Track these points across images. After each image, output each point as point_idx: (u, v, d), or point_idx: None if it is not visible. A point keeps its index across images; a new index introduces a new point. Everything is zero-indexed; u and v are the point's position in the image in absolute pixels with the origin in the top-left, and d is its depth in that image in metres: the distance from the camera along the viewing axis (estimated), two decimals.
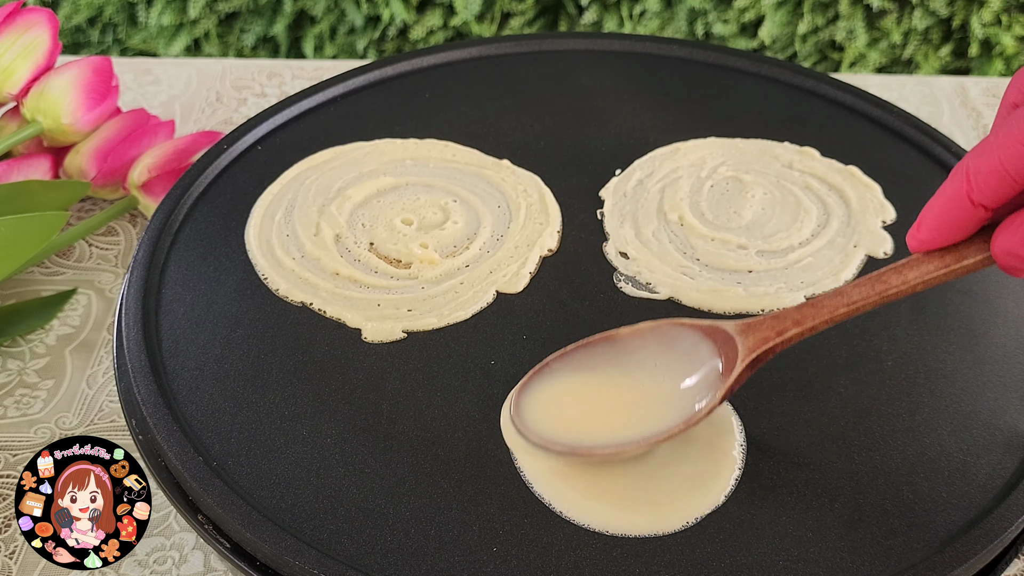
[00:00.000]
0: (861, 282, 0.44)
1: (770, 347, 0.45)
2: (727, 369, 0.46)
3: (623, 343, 0.48)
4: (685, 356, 0.47)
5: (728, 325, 0.46)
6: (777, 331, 0.45)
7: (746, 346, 0.45)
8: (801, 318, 0.45)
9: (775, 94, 0.69)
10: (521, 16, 1.18)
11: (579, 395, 0.48)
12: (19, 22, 0.69)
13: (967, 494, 0.46)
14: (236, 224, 0.59)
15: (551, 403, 0.48)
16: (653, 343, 0.48)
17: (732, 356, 0.46)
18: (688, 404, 0.46)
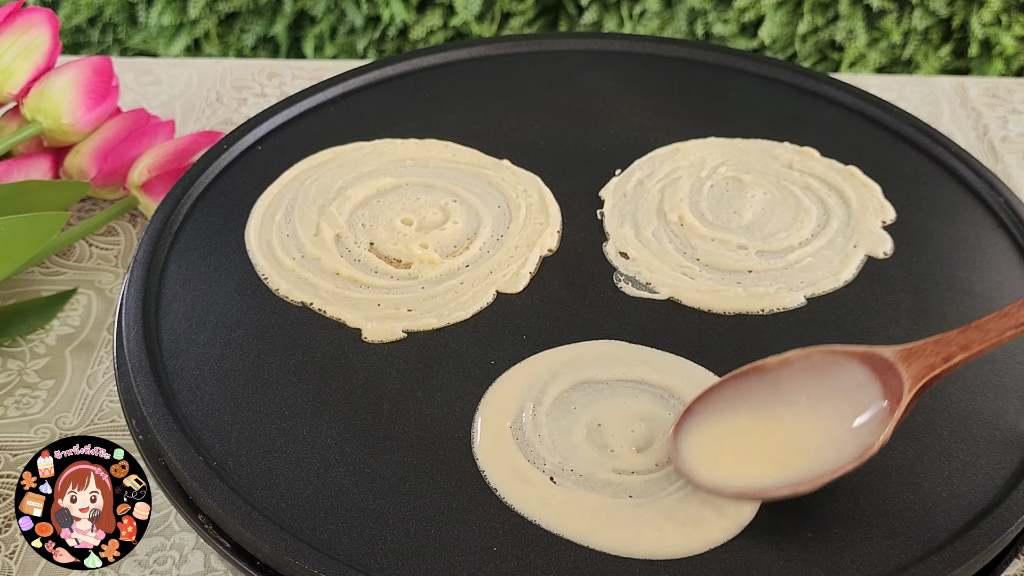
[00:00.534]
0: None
1: (936, 375, 0.44)
2: (892, 399, 0.44)
3: (774, 374, 0.47)
4: (843, 387, 0.46)
5: (887, 352, 0.45)
6: (943, 357, 0.44)
7: (911, 375, 0.44)
8: (967, 343, 0.44)
9: (775, 94, 0.69)
10: (521, 16, 1.18)
11: (738, 436, 0.46)
12: (19, 22, 0.69)
13: (967, 494, 0.46)
14: (236, 224, 0.59)
15: (712, 447, 0.46)
16: (807, 373, 0.46)
17: (895, 386, 0.44)
18: (854, 438, 0.45)
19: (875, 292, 0.56)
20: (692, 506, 0.45)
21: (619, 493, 0.46)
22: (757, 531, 0.45)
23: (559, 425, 0.49)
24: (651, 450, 0.48)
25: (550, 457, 0.47)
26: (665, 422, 0.49)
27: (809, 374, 0.47)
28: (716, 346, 0.52)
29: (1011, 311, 0.44)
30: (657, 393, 0.50)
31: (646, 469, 0.47)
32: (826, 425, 0.45)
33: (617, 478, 0.46)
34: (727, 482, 0.45)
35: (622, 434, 0.48)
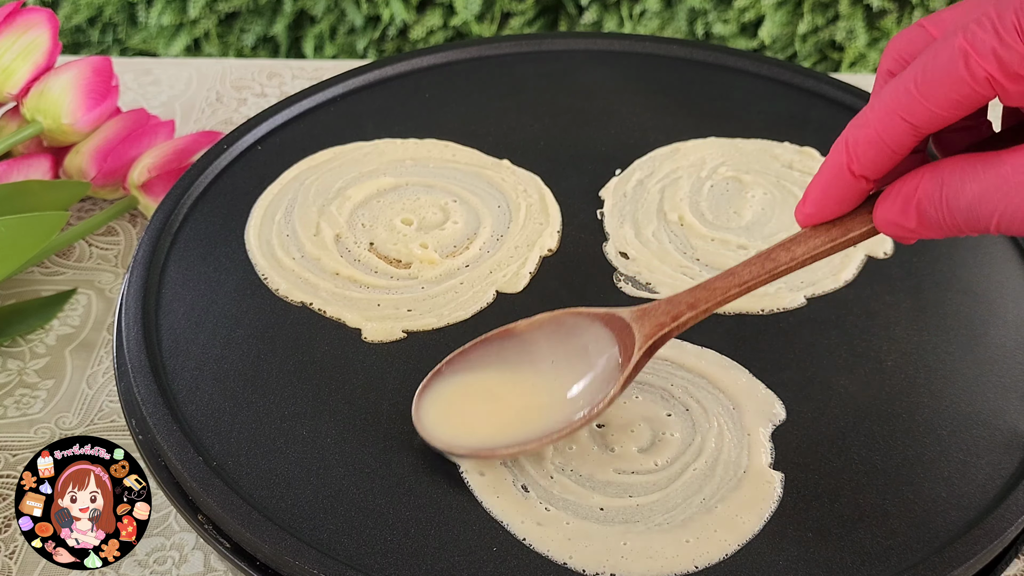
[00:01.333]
0: (751, 261, 0.45)
1: (666, 332, 0.46)
2: (625, 358, 0.46)
3: (520, 337, 0.48)
4: (583, 346, 0.47)
5: (624, 312, 0.47)
6: (672, 316, 0.46)
7: (643, 333, 0.46)
8: (695, 301, 0.46)
9: (775, 94, 0.69)
10: (521, 16, 1.18)
11: (477, 395, 0.48)
12: (19, 22, 0.69)
13: (967, 494, 0.46)
14: (236, 224, 0.59)
15: (450, 405, 0.48)
16: (551, 335, 0.48)
17: (630, 344, 0.46)
18: (590, 396, 0.46)
19: (875, 292, 0.56)
20: (697, 518, 0.45)
21: (620, 493, 0.46)
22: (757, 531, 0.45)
23: None
24: (652, 450, 0.48)
25: (552, 459, 0.47)
26: (666, 422, 0.49)
27: (555, 336, 0.48)
28: (716, 346, 0.52)
29: (737, 270, 0.45)
30: (658, 393, 0.50)
31: (647, 469, 0.47)
32: (563, 384, 0.47)
33: (618, 478, 0.46)
34: (459, 441, 0.46)
35: (623, 434, 0.48)
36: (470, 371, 0.49)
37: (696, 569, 0.43)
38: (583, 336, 0.48)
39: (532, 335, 0.48)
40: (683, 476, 0.47)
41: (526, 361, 0.48)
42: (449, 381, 0.48)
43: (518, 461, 0.47)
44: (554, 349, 0.48)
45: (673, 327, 0.46)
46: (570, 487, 0.46)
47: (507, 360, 0.48)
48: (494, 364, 0.48)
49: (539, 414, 0.47)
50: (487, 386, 0.48)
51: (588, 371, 0.47)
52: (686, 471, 0.47)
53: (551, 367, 0.47)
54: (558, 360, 0.47)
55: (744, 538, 0.44)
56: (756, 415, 0.49)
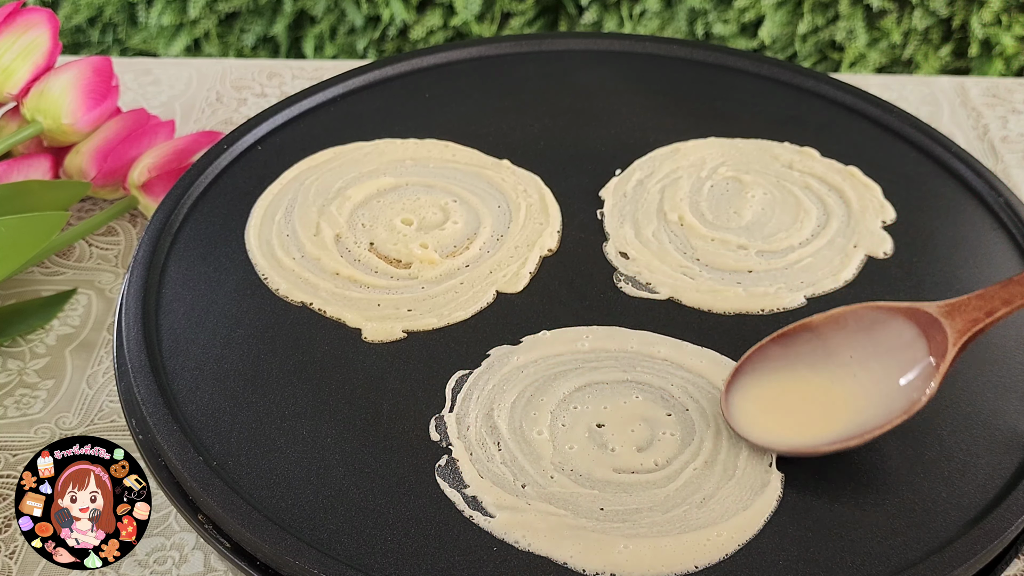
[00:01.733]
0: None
1: (980, 328, 0.45)
2: (937, 353, 0.45)
3: (820, 332, 0.48)
4: (888, 342, 0.47)
5: (931, 307, 0.47)
6: (986, 312, 0.45)
7: (956, 329, 0.45)
8: (1009, 297, 0.45)
9: (775, 94, 0.69)
10: (521, 16, 1.18)
11: (788, 394, 0.48)
12: (19, 22, 0.69)
13: (967, 494, 0.46)
14: (236, 224, 0.59)
15: (763, 406, 0.47)
16: (853, 331, 0.48)
17: (940, 340, 0.45)
18: (901, 393, 0.46)
19: (875, 292, 0.56)
20: (696, 518, 0.45)
21: (619, 492, 0.46)
22: (757, 531, 0.45)
23: (559, 425, 0.49)
24: (652, 449, 0.48)
25: (551, 458, 0.47)
26: (666, 422, 0.49)
27: (855, 331, 0.48)
28: (716, 346, 0.52)
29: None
30: (657, 393, 0.50)
31: (647, 469, 0.47)
32: (874, 381, 0.47)
33: (618, 477, 0.46)
34: (779, 439, 0.46)
35: (623, 434, 0.48)
36: (776, 371, 0.48)
37: (696, 569, 0.43)
38: (887, 331, 0.47)
39: (833, 330, 0.48)
40: (682, 476, 0.47)
41: (830, 358, 0.48)
42: (757, 379, 0.48)
43: (517, 460, 0.47)
44: (857, 345, 0.48)
45: (988, 322, 0.45)
46: (569, 486, 0.46)
47: (814, 356, 0.48)
48: (801, 362, 0.48)
49: (856, 411, 0.46)
50: (797, 385, 0.48)
51: (897, 369, 0.47)
52: (685, 471, 0.47)
53: (854, 364, 0.47)
54: (860, 356, 0.47)
55: (744, 538, 0.44)
56: None
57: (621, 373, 0.51)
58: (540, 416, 0.49)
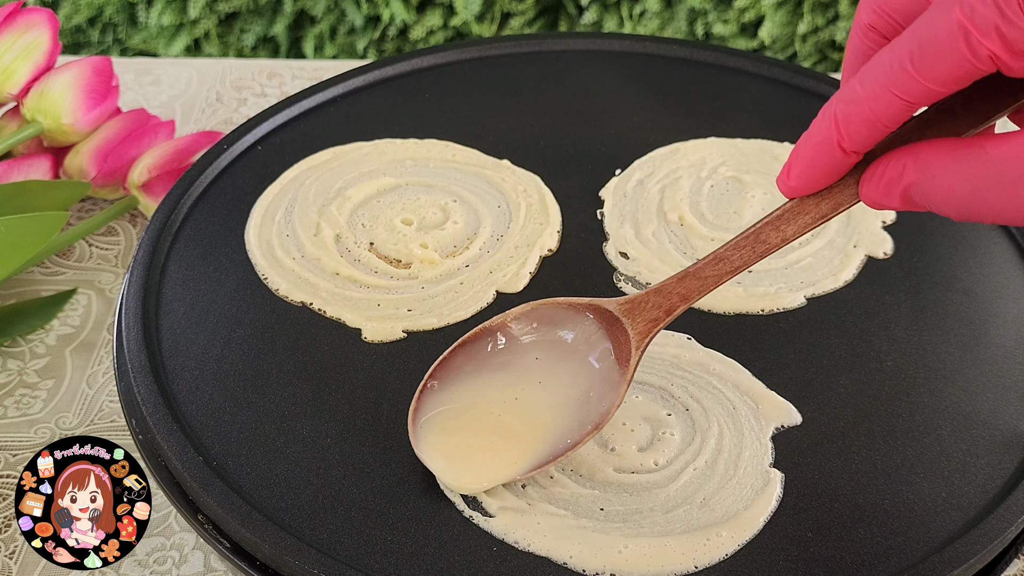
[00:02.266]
0: (739, 244, 0.43)
1: (660, 327, 0.45)
2: (621, 358, 0.45)
3: (506, 332, 0.47)
4: (572, 345, 0.46)
5: (611, 304, 0.45)
6: (665, 310, 0.44)
7: (637, 331, 0.44)
8: (687, 292, 0.44)
9: (775, 94, 0.69)
10: (521, 16, 1.18)
11: (476, 422, 0.46)
12: (19, 22, 0.69)
13: (967, 494, 0.46)
14: (236, 224, 0.59)
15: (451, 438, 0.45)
16: (536, 332, 0.46)
17: (623, 341, 0.45)
18: (592, 405, 0.45)
19: (875, 292, 0.56)
20: (696, 517, 0.45)
21: (620, 493, 0.46)
22: (757, 531, 0.45)
23: None
24: (652, 449, 0.48)
25: None
26: (666, 422, 0.49)
27: (540, 332, 0.46)
28: (716, 346, 0.52)
29: (726, 255, 0.43)
30: (658, 393, 0.50)
31: (647, 469, 0.47)
32: (562, 395, 0.45)
33: (618, 477, 0.46)
34: (476, 482, 0.45)
35: (623, 434, 0.48)
36: (459, 384, 0.46)
37: (696, 569, 0.43)
38: (570, 331, 0.46)
39: (516, 334, 0.47)
40: (683, 476, 0.47)
41: (515, 365, 0.46)
42: (440, 400, 0.46)
43: None
44: (541, 349, 0.46)
45: (667, 320, 0.45)
46: (570, 486, 0.46)
47: (494, 367, 0.46)
48: (483, 374, 0.46)
49: (545, 431, 0.45)
50: (484, 409, 0.46)
51: (584, 376, 0.46)
52: (686, 471, 0.47)
53: (542, 373, 0.46)
54: (548, 363, 0.46)
55: (744, 538, 0.44)
56: (757, 415, 0.49)
57: None
58: None
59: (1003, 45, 0.34)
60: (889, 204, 0.39)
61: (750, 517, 0.45)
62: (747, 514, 0.45)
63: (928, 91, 0.36)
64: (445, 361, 0.47)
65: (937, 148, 0.38)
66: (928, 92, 0.36)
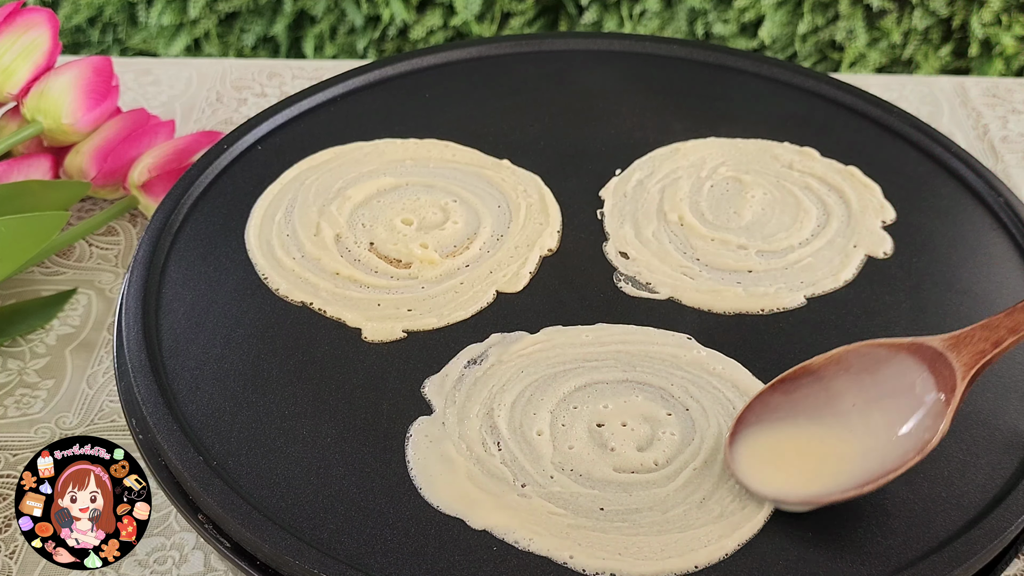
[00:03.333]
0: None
1: (988, 360, 0.44)
2: (946, 389, 0.44)
3: (822, 375, 0.46)
4: (892, 383, 0.45)
5: (934, 341, 0.45)
6: (993, 343, 0.44)
7: (963, 363, 0.44)
8: (1015, 325, 0.44)
9: (775, 94, 0.69)
10: (521, 16, 1.18)
11: (791, 446, 0.46)
12: (19, 22, 0.69)
13: (967, 494, 0.46)
14: (236, 224, 0.59)
15: (766, 458, 0.46)
16: (855, 372, 0.46)
17: (948, 375, 0.44)
18: (907, 438, 0.44)
19: (875, 292, 0.56)
20: (696, 517, 0.45)
21: (619, 492, 0.46)
22: (757, 531, 0.45)
23: (559, 424, 0.49)
24: (652, 449, 0.48)
25: (551, 458, 0.47)
26: (666, 422, 0.49)
27: (858, 373, 0.46)
28: (716, 346, 0.52)
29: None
30: (657, 393, 0.50)
31: (647, 468, 0.47)
32: (876, 429, 0.45)
33: (618, 477, 0.46)
34: (787, 493, 0.45)
35: (622, 433, 0.48)
36: (778, 421, 0.46)
37: (696, 569, 0.43)
38: (890, 371, 0.45)
39: (834, 372, 0.46)
40: (682, 475, 0.47)
41: (831, 405, 0.46)
42: (759, 430, 0.46)
43: (517, 459, 0.47)
44: (860, 389, 0.46)
45: (995, 353, 0.44)
46: (569, 486, 0.46)
47: (817, 403, 0.46)
48: (804, 410, 0.46)
49: (860, 459, 0.44)
50: (800, 437, 0.46)
51: (906, 410, 0.45)
52: (685, 470, 0.47)
53: (858, 410, 0.45)
54: (866, 400, 0.45)
55: (744, 538, 0.44)
56: None
57: (621, 373, 0.51)
58: (540, 416, 0.49)
59: None
60: None
61: (750, 517, 0.45)
62: (746, 514, 0.45)
63: None
64: (761, 397, 0.47)
65: None
66: None
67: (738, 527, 0.45)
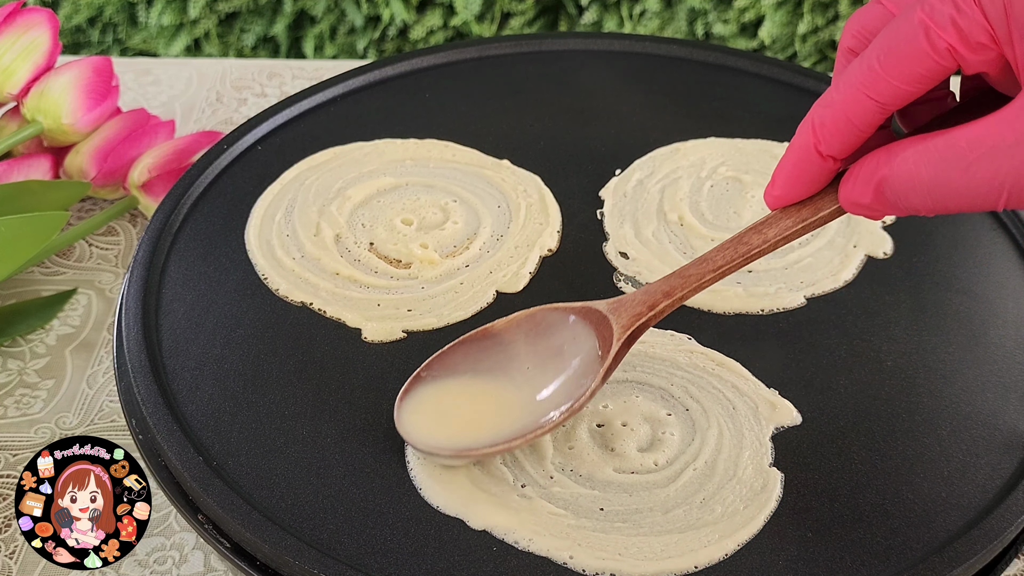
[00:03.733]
0: (724, 246, 0.45)
1: (643, 322, 0.46)
2: (604, 349, 0.46)
3: (498, 337, 0.48)
4: (560, 343, 0.47)
5: (600, 305, 0.47)
6: (648, 306, 0.46)
7: (620, 325, 0.46)
8: (670, 289, 0.46)
9: (775, 94, 0.69)
10: (521, 16, 1.18)
11: (456, 400, 0.47)
12: (19, 22, 0.69)
13: (967, 494, 0.46)
14: (236, 224, 0.59)
15: (430, 410, 0.47)
16: (529, 332, 0.48)
17: (608, 336, 0.46)
18: (569, 392, 0.46)
19: (875, 292, 0.56)
20: (697, 518, 0.45)
21: (620, 493, 0.46)
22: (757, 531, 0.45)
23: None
24: (652, 449, 0.48)
25: (552, 458, 0.47)
26: (666, 422, 0.49)
27: (535, 336, 0.48)
28: (716, 346, 0.52)
29: (710, 256, 0.45)
30: (658, 393, 0.50)
31: (647, 469, 0.47)
32: (545, 381, 0.47)
33: (618, 477, 0.46)
34: (441, 443, 0.46)
35: (623, 434, 0.48)
36: (449, 376, 0.48)
37: (696, 569, 0.43)
38: (560, 332, 0.47)
39: (510, 334, 0.48)
40: (683, 476, 0.47)
41: (504, 361, 0.48)
42: (429, 386, 0.48)
43: (517, 460, 0.47)
44: (532, 347, 0.48)
45: (650, 316, 0.46)
46: (570, 486, 0.46)
47: (485, 362, 0.48)
48: (473, 367, 0.48)
49: (520, 413, 0.46)
50: (466, 391, 0.48)
51: (565, 367, 0.47)
52: (686, 471, 0.47)
53: (529, 367, 0.47)
54: (537, 358, 0.47)
55: (744, 538, 0.44)
56: (757, 415, 0.49)
57: (621, 373, 0.51)
58: None
59: (959, 37, 0.36)
60: (864, 201, 0.40)
61: (750, 517, 0.45)
62: (747, 514, 0.45)
63: (896, 89, 0.38)
64: (439, 356, 0.49)
65: (909, 141, 0.39)
66: (896, 91, 0.38)
67: (739, 527, 0.45)
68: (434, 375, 0.48)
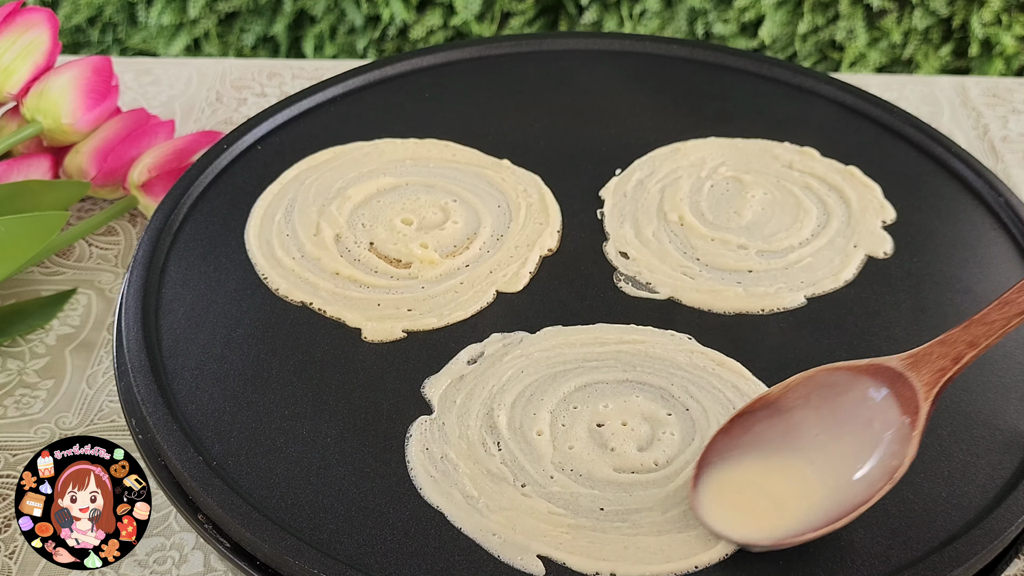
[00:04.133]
0: (1022, 287, 0.43)
1: (949, 377, 0.43)
2: (910, 412, 0.43)
3: (781, 406, 0.45)
4: (854, 408, 0.44)
5: (892, 362, 0.44)
6: (953, 359, 0.43)
7: (924, 383, 0.43)
8: (974, 339, 0.43)
9: (775, 94, 0.69)
10: (521, 16, 1.18)
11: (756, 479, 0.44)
12: (19, 22, 0.69)
13: (967, 494, 0.46)
14: (236, 224, 0.59)
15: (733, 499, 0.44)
16: (815, 402, 0.44)
17: (910, 396, 0.43)
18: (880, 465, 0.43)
19: (875, 292, 0.56)
20: (692, 513, 0.45)
21: (619, 492, 0.46)
22: None
23: (559, 425, 0.49)
24: (652, 449, 0.48)
25: (552, 458, 0.47)
26: (666, 422, 0.49)
27: (818, 402, 0.45)
28: (716, 346, 0.52)
29: (1011, 298, 0.43)
30: (657, 393, 0.50)
31: (647, 468, 0.47)
32: (846, 457, 0.44)
33: (618, 477, 0.46)
34: (754, 536, 0.43)
35: (623, 433, 0.48)
36: (738, 456, 0.45)
37: (696, 569, 0.43)
38: (851, 396, 0.44)
39: (794, 402, 0.45)
40: (682, 475, 0.47)
41: (789, 431, 0.44)
42: (720, 471, 0.45)
43: (517, 460, 0.47)
44: (820, 418, 0.44)
45: (956, 370, 0.43)
46: (570, 486, 0.46)
47: (768, 434, 0.45)
48: (756, 442, 0.45)
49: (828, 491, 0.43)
50: (760, 470, 0.44)
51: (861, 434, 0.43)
52: (685, 470, 0.47)
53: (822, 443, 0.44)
54: (822, 424, 0.44)
55: (744, 538, 0.44)
56: None
57: (621, 373, 0.51)
58: (540, 416, 0.49)
59: None
60: None
61: None
62: None
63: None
64: (723, 433, 0.46)
65: None
66: None
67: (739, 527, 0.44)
68: (723, 456, 0.45)
